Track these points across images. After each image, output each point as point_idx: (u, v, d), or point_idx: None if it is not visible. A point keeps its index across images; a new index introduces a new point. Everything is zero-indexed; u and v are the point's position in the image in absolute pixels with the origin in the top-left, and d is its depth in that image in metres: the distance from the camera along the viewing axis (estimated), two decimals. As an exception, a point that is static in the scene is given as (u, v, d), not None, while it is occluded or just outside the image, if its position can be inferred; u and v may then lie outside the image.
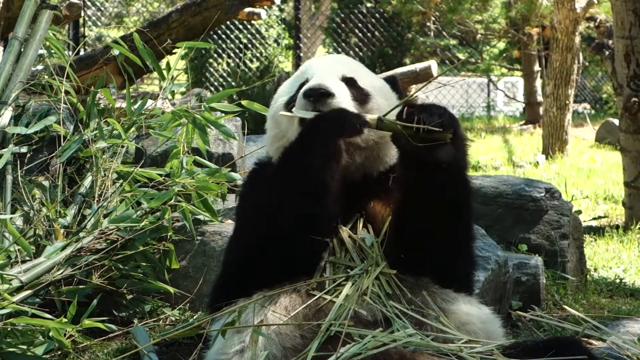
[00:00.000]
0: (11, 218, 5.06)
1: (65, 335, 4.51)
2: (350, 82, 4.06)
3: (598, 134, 16.23)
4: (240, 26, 20.59)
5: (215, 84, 20.50)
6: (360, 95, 4.04)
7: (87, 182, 5.30)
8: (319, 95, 3.89)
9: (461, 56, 22.75)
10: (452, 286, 3.91)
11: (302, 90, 3.95)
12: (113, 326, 4.63)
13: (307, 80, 4.05)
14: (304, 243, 3.80)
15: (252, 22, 19.48)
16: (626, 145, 8.97)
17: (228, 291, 3.93)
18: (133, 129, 5.54)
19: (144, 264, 5.12)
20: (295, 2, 21.22)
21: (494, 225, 6.27)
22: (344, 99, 3.94)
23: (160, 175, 5.33)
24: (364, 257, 3.90)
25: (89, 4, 21.73)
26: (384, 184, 4.00)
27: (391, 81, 4.31)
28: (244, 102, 5.30)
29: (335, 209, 3.85)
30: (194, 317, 5.07)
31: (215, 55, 20.81)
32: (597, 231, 8.59)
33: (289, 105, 4.06)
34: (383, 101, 4.09)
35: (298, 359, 3.63)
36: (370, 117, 3.77)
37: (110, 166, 5.31)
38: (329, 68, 4.11)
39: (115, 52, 5.76)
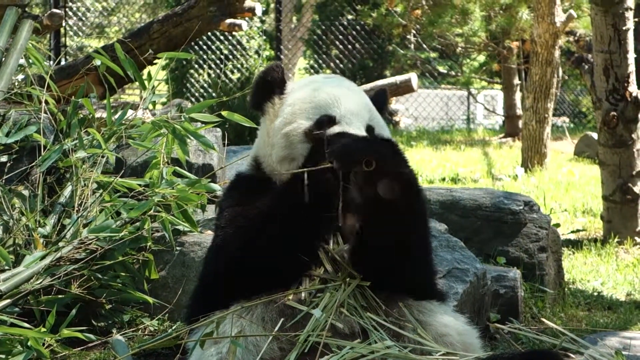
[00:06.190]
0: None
1: (44, 344, 4.50)
2: (369, 130, 4.08)
3: (577, 148, 16.24)
4: (222, 37, 20.55)
5: (196, 94, 20.45)
6: None
7: (67, 191, 5.29)
8: None
9: (441, 69, 22.78)
10: (423, 297, 3.95)
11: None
12: (92, 336, 4.63)
13: (332, 118, 4.03)
14: (287, 260, 3.83)
15: (233, 33, 19.47)
16: (605, 159, 9.00)
17: (206, 302, 3.94)
18: (113, 139, 5.53)
19: (123, 274, 5.11)
20: (276, 13, 21.22)
21: (472, 238, 6.29)
22: None
23: (140, 185, 5.33)
24: (338, 268, 3.91)
25: (70, 13, 21.67)
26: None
27: (382, 95, 4.34)
28: (224, 113, 5.28)
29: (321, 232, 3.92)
30: (173, 328, 5.07)
31: (196, 66, 20.76)
32: (576, 244, 8.62)
33: (309, 135, 4.03)
34: None
35: (276, 370, 3.65)
36: None
37: (90, 176, 5.30)
38: (357, 114, 4.08)
39: (97, 62, 5.75)
